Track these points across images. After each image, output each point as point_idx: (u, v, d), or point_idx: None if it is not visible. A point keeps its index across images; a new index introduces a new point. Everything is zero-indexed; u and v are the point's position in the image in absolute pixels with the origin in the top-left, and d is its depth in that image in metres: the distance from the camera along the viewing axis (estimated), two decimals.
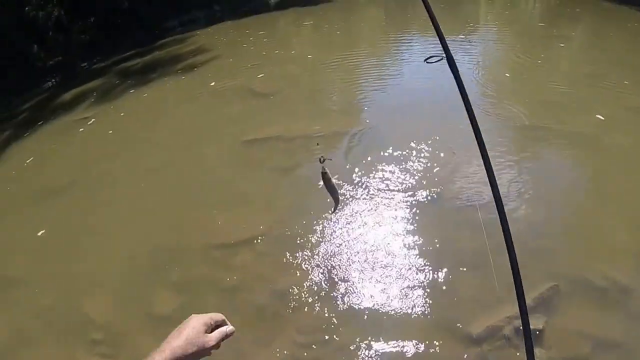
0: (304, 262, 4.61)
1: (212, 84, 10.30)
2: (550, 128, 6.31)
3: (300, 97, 8.77)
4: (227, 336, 1.20)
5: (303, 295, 4.25)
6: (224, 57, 13.27)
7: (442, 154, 5.89)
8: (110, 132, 9.22)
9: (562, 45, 10.43)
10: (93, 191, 6.81)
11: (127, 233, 5.67)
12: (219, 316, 1.21)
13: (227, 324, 1.22)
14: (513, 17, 15.35)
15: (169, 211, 5.89)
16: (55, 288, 5.06)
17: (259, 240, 5.01)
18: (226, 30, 16.74)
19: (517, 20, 14.94)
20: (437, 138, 6.21)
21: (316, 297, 4.21)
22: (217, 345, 1.16)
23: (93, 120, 10.11)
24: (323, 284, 4.33)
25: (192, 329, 1.11)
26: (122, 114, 10.18)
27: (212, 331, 1.17)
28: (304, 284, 4.36)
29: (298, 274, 4.48)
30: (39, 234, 6.05)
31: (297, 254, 4.73)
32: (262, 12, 20.28)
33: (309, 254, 4.70)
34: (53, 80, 15.73)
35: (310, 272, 4.48)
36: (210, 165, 6.85)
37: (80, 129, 9.73)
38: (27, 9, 15.91)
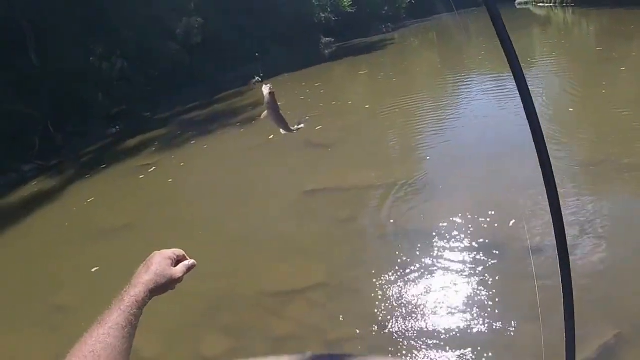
0: (357, 316, 4.35)
1: (271, 136, 10.46)
2: (620, 161, 5.89)
3: (358, 147, 8.74)
4: (189, 269, 1.25)
5: (355, 350, 3.99)
6: (283, 109, 13.51)
7: (505, 204, 5.51)
8: (170, 180, 9.42)
9: (622, 68, 10.09)
10: (150, 234, 6.85)
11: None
12: (180, 251, 1.27)
13: (187, 259, 1.28)
14: (569, 45, 15.11)
15: (225, 257, 5.82)
16: None
17: (313, 291, 4.81)
18: (283, 83, 17.20)
19: (574, 47, 14.71)
20: (500, 183, 5.95)
21: (368, 353, 3.95)
22: (181, 279, 1.21)
23: (154, 168, 10.44)
24: (376, 340, 4.05)
25: (159, 264, 1.18)
26: (182, 164, 10.44)
27: (176, 265, 1.23)
28: (357, 338, 4.10)
29: (351, 328, 4.22)
30: (93, 270, 6.09)
31: (352, 307, 4.49)
32: (317, 64, 20.81)
33: (364, 307, 4.44)
34: (117, 127, 16.48)
35: (363, 326, 4.21)
36: (268, 215, 6.79)
37: (141, 176, 10.04)
38: (91, 59, 16.92)
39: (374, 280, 4.77)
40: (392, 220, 5.73)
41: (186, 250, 1.22)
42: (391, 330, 4.08)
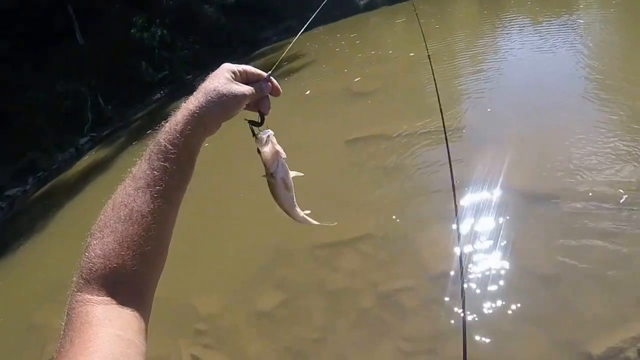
0: (411, 267, 4.28)
1: (308, 92, 10.34)
2: None
3: (400, 95, 8.54)
4: (260, 90, 0.93)
5: (410, 301, 3.93)
6: (319, 63, 13.36)
7: (559, 152, 5.20)
8: (207, 144, 9.52)
9: None
10: (203, 198, 6.99)
11: (235, 234, 5.78)
12: (252, 69, 0.94)
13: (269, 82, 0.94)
14: None
15: (272, 212, 5.89)
16: (167, 282, 5.22)
17: (363, 242, 4.77)
18: (319, 36, 16.86)
19: None
20: (551, 130, 5.65)
21: (424, 305, 3.88)
22: (244, 97, 0.91)
23: None
24: (431, 291, 3.96)
25: (212, 78, 0.90)
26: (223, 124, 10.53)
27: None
28: (411, 290, 4.02)
29: (405, 279, 4.16)
30: None
31: (404, 257, 4.42)
32: (351, 15, 20.20)
33: (416, 257, 4.34)
34: (161, 92, 16.97)
35: (417, 277, 4.14)
36: (312, 166, 6.67)
37: None
38: (132, 30, 17.36)
39: (425, 229, 4.69)
40: (438, 168, 5.53)
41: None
42: (448, 284, 3.95)
